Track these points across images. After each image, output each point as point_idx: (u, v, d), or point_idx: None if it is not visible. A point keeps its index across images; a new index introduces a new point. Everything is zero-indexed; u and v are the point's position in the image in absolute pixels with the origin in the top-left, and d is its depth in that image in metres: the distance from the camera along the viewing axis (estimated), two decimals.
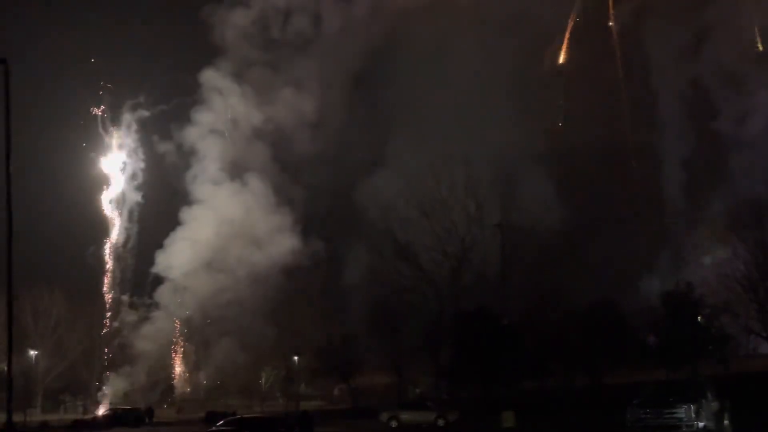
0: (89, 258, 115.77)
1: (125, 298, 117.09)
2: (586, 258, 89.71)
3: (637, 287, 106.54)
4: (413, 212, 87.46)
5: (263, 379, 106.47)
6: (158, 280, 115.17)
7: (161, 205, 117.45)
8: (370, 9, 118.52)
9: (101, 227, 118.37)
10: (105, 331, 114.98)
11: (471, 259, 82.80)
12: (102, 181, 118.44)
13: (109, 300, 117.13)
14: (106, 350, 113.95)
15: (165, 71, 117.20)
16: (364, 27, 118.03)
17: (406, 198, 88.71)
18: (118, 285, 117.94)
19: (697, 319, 69.30)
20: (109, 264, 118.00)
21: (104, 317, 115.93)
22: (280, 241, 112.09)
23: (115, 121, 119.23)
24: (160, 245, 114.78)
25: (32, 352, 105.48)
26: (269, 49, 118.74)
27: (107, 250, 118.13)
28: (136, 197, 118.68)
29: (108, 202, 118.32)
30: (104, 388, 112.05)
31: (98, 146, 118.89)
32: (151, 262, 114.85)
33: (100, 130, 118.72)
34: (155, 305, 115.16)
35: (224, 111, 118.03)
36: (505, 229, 77.41)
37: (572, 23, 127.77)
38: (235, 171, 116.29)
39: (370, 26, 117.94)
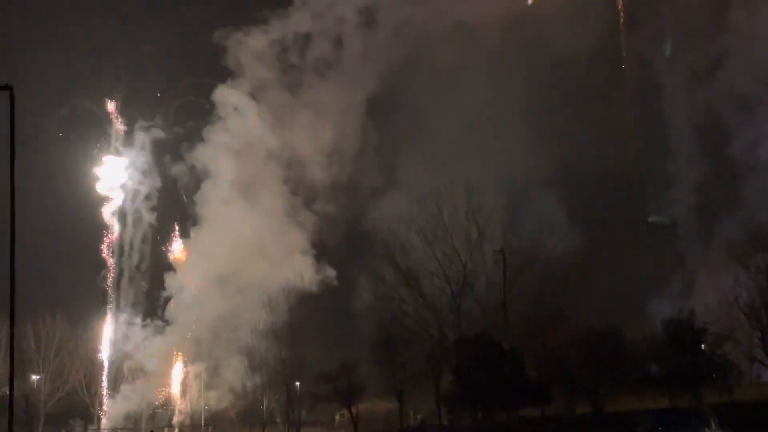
0: (99, 282, 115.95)
1: (133, 318, 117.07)
2: (591, 283, 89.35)
3: (641, 313, 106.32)
4: (415, 238, 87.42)
5: (264, 405, 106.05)
6: (166, 301, 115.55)
7: (172, 225, 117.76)
8: (389, 35, 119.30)
9: (107, 249, 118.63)
10: (106, 354, 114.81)
11: (472, 284, 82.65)
12: (105, 203, 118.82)
13: (111, 322, 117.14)
14: (104, 374, 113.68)
15: (181, 94, 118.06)
16: (382, 52, 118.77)
17: (407, 223, 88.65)
18: (130, 306, 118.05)
19: (700, 346, 69.05)
20: (112, 285, 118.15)
21: (106, 340, 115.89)
22: (290, 265, 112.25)
23: (128, 142, 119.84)
24: (170, 266, 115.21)
25: (34, 377, 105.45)
26: (286, 72, 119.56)
27: (111, 271, 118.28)
28: (148, 218, 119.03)
29: (114, 222, 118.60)
30: (105, 411, 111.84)
31: (105, 167, 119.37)
32: (161, 282, 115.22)
33: (111, 148, 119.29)
34: (161, 327, 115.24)
35: (237, 130, 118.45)
36: (506, 256, 77.10)
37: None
38: (247, 192, 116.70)
39: (388, 52, 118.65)
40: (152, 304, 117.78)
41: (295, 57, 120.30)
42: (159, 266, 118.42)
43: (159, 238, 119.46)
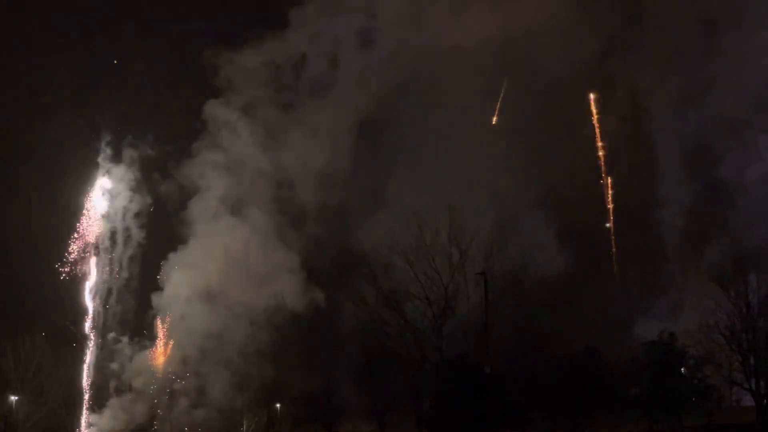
0: (83, 301, 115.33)
1: (120, 337, 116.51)
2: (572, 307, 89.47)
3: (622, 337, 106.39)
4: (397, 259, 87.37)
5: (244, 426, 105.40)
6: (153, 319, 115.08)
7: (161, 243, 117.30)
8: (384, 57, 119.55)
9: (95, 268, 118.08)
10: (87, 373, 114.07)
11: (454, 307, 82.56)
12: (91, 221, 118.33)
13: (96, 340, 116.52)
14: (86, 395, 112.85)
15: (171, 113, 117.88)
16: (376, 75, 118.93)
17: (389, 245, 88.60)
18: (117, 324, 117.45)
19: (680, 369, 69.22)
20: (97, 304, 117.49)
21: (86, 360, 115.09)
22: (277, 285, 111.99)
23: (117, 159, 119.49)
24: (157, 285, 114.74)
25: (12, 398, 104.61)
26: (279, 92, 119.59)
27: (89, 290, 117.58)
28: (137, 236, 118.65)
29: (101, 241, 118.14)
30: None
31: (93, 185, 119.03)
32: (148, 301, 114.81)
33: (99, 166, 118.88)
34: (147, 345, 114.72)
35: (227, 146, 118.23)
36: (488, 278, 77.12)
37: None
38: (236, 210, 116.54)
39: (383, 74, 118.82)
40: (140, 323, 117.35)
41: (288, 77, 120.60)
42: (147, 284, 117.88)
43: (148, 256, 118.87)
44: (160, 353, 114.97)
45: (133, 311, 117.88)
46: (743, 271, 72.12)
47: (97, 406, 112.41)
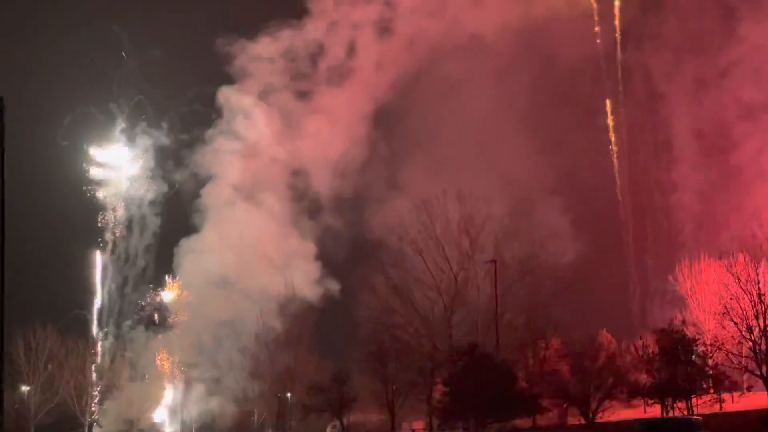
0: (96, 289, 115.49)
1: (135, 324, 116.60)
2: (583, 294, 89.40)
3: (634, 324, 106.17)
4: (407, 249, 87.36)
5: (255, 416, 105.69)
6: (167, 307, 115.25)
7: (176, 231, 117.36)
8: (402, 45, 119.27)
9: (107, 254, 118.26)
10: (96, 364, 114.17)
11: (464, 295, 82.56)
12: (104, 210, 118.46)
13: (111, 327, 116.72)
14: (96, 385, 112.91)
15: (187, 101, 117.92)
16: (394, 63, 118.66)
17: (399, 234, 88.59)
18: (132, 313, 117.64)
19: (691, 356, 69.06)
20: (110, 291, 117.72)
21: (96, 350, 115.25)
22: (292, 274, 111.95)
23: (132, 147, 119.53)
24: (173, 272, 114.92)
25: (24, 388, 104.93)
26: (295, 79, 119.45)
27: (99, 277, 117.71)
28: (153, 223, 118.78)
29: (104, 231, 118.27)
30: (97, 419, 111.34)
31: (107, 174, 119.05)
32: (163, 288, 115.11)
33: (114, 155, 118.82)
34: (162, 333, 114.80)
35: (242, 133, 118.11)
36: (498, 266, 77.06)
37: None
38: (251, 197, 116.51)
39: (400, 62, 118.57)
40: (153, 310, 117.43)
41: (305, 65, 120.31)
42: (162, 272, 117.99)
43: (163, 244, 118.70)
44: (175, 340, 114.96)
45: (149, 299, 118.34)
46: (755, 257, 71.85)
47: (110, 394, 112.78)
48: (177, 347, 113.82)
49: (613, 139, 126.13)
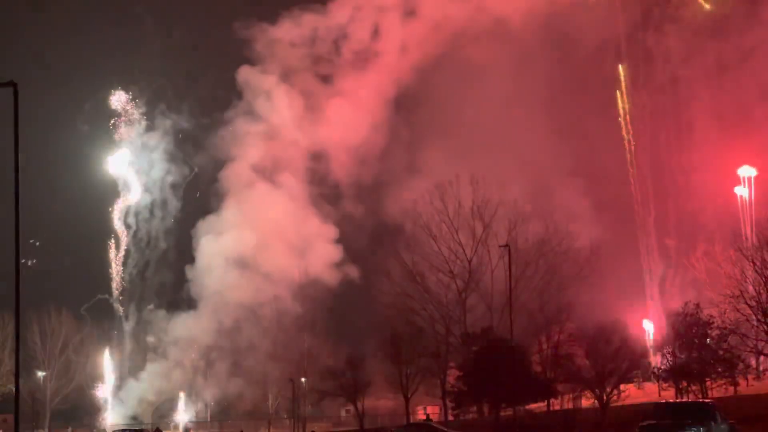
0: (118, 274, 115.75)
1: (156, 308, 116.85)
2: (597, 278, 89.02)
3: (648, 307, 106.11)
4: (421, 233, 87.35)
5: (270, 401, 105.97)
6: (189, 289, 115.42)
7: (197, 213, 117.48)
8: (424, 30, 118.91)
9: (114, 241, 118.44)
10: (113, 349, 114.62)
11: (478, 280, 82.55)
12: (115, 194, 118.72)
13: (134, 312, 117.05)
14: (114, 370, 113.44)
15: (207, 85, 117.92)
16: (416, 47, 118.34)
17: (413, 218, 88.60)
18: (154, 296, 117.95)
19: (705, 340, 68.95)
20: (118, 277, 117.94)
21: (114, 335, 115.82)
22: (311, 258, 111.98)
23: (152, 132, 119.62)
24: (192, 256, 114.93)
25: (40, 374, 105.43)
26: (317, 63, 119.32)
27: (114, 259, 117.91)
28: (174, 206, 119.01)
29: (121, 215, 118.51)
30: (109, 409, 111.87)
31: (125, 159, 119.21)
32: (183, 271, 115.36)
33: (132, 140, 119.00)
34: (183, 315, 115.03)
35: (263, 114, 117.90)
36: (512, 251, 76.89)
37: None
38: (271, 179, 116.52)
39: (423, 46, 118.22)
40: (176, 293, 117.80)
41: (328, 48, 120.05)
42: (183, 255, 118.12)
43: (184, 227, 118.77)
44: (196, 323, 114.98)
45: (170, 282, 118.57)
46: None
47: (132, 376, 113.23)
48: (198, 329, 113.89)
49: (625, 120, 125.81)
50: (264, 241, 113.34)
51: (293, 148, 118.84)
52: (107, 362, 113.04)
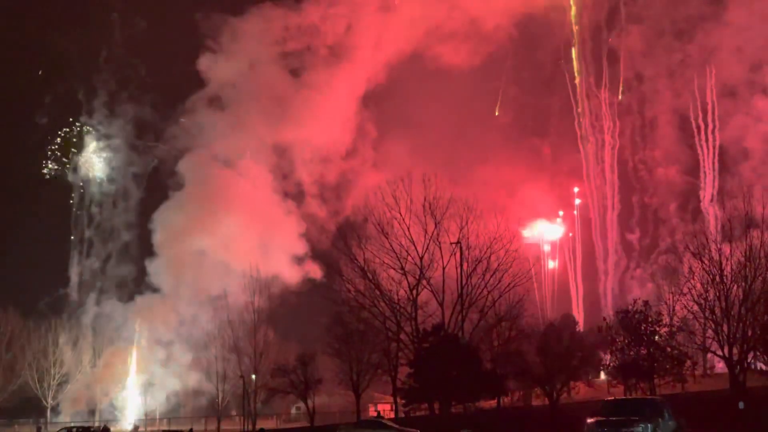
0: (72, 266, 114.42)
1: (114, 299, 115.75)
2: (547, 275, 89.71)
3: (597, 304, 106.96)
4: (373, 230, 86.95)
5: (219, 398, 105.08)
6: (145, 279, 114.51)
7: (156, 203, 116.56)
8: (400, 26, 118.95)
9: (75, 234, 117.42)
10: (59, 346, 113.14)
11: (429, 277, 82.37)
12: (77, 186, 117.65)
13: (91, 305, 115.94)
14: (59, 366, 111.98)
15: (171, 76, 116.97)
16: (390, 42, 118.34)
17: (365, 216, 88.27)
18: (114, 287, 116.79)
19: (654, 337, 69.53)
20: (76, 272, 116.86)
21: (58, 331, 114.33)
22: (270, 256, 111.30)
23: (113, 123, 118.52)
24: (151, 246, 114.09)
25: None
26: (285, 57, 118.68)
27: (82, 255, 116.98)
28: (135, 195, 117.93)
29: (83, 207, 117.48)
30: (58, 406, 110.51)
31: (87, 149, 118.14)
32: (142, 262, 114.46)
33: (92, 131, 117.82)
34: (140, 305, 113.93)
35: (225, 104, 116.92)
36: (463, 248, 76.87)
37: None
38: (233, 169, 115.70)
39: (397, 42, 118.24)
40: (136, 283, 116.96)
41: (299, 42, 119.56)
42: (142, 245, 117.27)
43: (144, 218, 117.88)
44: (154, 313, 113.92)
45: (131, 275, 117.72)
46: (716, 239, 72.38)
47: (73, 376, 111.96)
48: (156, 320, 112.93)
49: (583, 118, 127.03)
50: (224, 232, 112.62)
51: (257, 140, 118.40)
52: (61, 357, 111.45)
